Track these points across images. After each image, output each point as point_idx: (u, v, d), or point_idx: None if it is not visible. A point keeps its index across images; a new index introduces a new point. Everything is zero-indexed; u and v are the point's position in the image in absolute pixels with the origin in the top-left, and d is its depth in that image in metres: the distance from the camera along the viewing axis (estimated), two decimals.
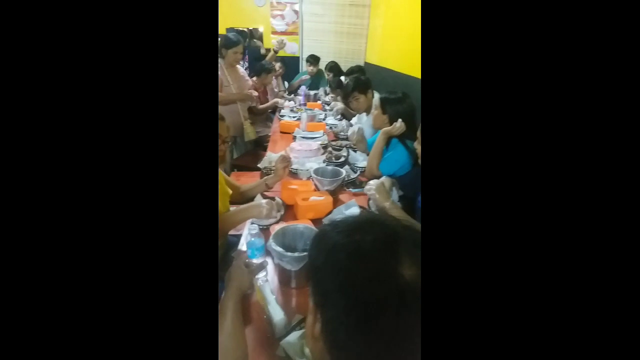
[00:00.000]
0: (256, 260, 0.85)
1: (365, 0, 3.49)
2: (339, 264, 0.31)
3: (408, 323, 0.29)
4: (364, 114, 1.95)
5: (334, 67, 3.06)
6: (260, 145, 2.50)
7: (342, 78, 2.83)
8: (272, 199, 1.19)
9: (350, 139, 1.68)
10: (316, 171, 1.28)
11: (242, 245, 0.97)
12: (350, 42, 3.72)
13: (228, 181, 1.22)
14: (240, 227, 1.13)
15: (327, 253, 0.33)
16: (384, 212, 1.04)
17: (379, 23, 3.17)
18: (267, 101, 2.72)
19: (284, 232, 0.88)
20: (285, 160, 1.21)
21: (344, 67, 3.04)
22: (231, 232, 1.18)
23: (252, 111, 2.46)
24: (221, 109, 1.92)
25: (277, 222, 1.06)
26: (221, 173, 1.19)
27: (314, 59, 3.27)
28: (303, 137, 1.93)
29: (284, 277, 0.84)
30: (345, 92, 2.10)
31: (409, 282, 0.29)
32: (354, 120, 2.21)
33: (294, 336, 0.64)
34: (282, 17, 3.75)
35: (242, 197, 1.25)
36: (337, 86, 2.70)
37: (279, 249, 0.79)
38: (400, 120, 1.38)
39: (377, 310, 0.29)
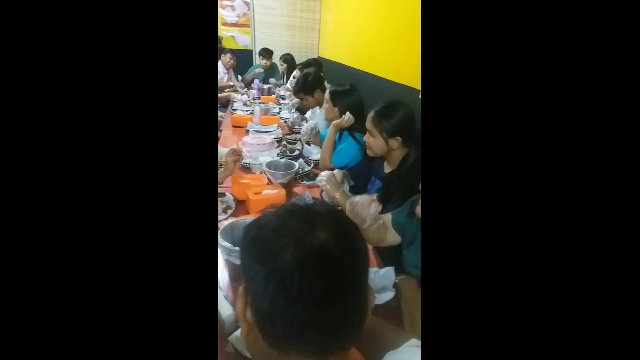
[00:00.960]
0: None
1: None
2: (260, 239, 0.33)
3: (328, 284, 0.30)
4: (317, 108, 1.96)
5: (289, 60, 3.03)
6: None
7: (296, 72, 2.81)
8: (223, 195, 1.15)
9: (303, 137, 1.68)
10: (269, 165, 1.26)
11: None
12: (304, 37, 3.71)
13: None
14: None
15: (254, 234, 0.34)
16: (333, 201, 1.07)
17: (330, 18, 3.19)
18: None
19: (233, 227, 0.85)
20: (236, 154, 1.17)
21: (299, 62, 3.02)
22: None
23: None
24: None
25: (226, 219, 1.03)
26: None
27: (267, 53, 3.21)
28: (257, 131, 1.89)
29: (233, 272, 0.82)
30: (295, 91, 2.11)
31: (324, 243, 0.31)
32: (308, 114, 2.21)
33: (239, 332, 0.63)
34: (233, 8, 3.62)
35: None
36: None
37: (226, 244, 0.76)
38: (348, 113, 1.41)
39: (295, 273, 0.30)
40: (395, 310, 0.75)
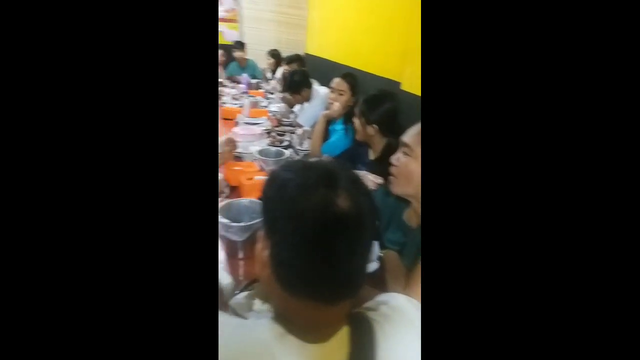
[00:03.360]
0: None
1: None
2: (287, 195, 0.37)
3: (344, 246, 0.36)
4: (305, 103, 2.02)
5: (275, 54, 3.07)
6: None
7: (281, 69, 2.85)
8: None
9: (294, 141, 1.70)
10: (260, 152, 1.31)
11: None
12: (291, 33, 3.74)
13: None
14: None
15: (278, 187, 0.38)
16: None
17: (317, 14, 3.24)
18: None
19: (229, 206, 0.91)
20: (231, 143, 1.22)
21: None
22: None
23: None
24: None
25: (221, 201, 1.08)
26: None
27: (240, 45, 3.18)
28: (246, 123, 1.93)
29: (231, 248, 0.87)
30: (282, 89, 2.13)
31: (345, 211, 0.35)
32: (296, 108, 2.26)
33: (241, 295, 0.68)
34: (221, 3, 3.62)
35: None
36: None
37: (224, 220, 0.81)
38: (337, 103, 1.46)
39: (317, 233, 0.35)
40: (379, 279, 0.83)
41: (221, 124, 2.05)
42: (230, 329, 0.39)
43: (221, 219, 0.82)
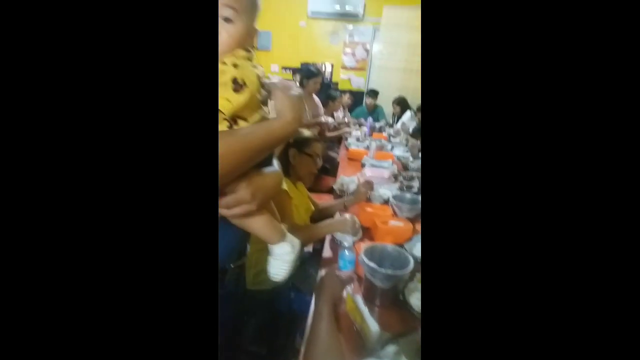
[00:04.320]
0: (346, 273, 0.88)
1: None
2: None
3: None
4: None
5: (402, 101, 3.14)
6: (325, 170, 2.60)
7: (408, 112, 2.88)
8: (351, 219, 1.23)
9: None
10: (395, 197, 1.31)
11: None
12: (417, 80, 3.81)
13: (310, 197, 1.30)
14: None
15: None
16: None
17: None
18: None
19: (372, 249, 0.91)
20: (369, 184, 1.26)
21: (413, 104, 3.10)
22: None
23: (321, 136, 2.60)
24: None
25: (360, 240, 1.09)
26: (305, 189, 1.27)
27: (373, 93, 3.40)
28: (372, 165, 1.98)
29: (369, 293, 0.85)
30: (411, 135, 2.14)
31: None
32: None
33: (391, 349, 0.65)
34: (353, 54, 3.99)
35: (320, 215, 1.31)
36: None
37: (372, 264, 0.81)
38: None
39: None
40: None
41: (347, 164, 2.17)
42: None
43: (368, 262, 0.82)
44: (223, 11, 0.45)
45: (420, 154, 2.19)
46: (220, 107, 0.44)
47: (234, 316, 1.04)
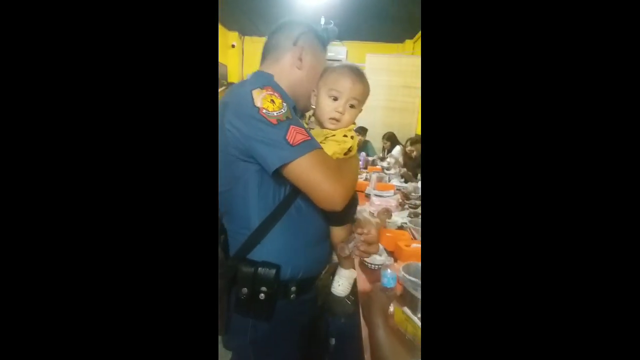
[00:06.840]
0: (390, 289, 0.98)
1: (416, 83, 3.96)
2: None
3: None
4: None
5: (391, 137, 3.39)
6: None
7: (398, 147, 3.11)
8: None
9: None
10: (410, 222, 1.44)
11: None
12: (402, 117, 4.12)
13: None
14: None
15: None
16: None
17: None
18: None
19: (408, 267, 1.02)
20: (387, 212, 1.40)
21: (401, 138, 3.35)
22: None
23: None
24: None
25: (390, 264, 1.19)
26: None
27: (362, 130, 3.65)
28: (376, 195, 2.13)
29: (412, 305, 0.95)
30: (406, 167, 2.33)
31: None
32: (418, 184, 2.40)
33: None
34: None
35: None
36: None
37: (414, 279, 0.92)
38: None
39: None
40: None
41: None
42: None
43: (410, 277, 0.92)
44: (351, 101, 0.73)
45: (416, 178, 2.37)
46: (331, 154, 0.67)
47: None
